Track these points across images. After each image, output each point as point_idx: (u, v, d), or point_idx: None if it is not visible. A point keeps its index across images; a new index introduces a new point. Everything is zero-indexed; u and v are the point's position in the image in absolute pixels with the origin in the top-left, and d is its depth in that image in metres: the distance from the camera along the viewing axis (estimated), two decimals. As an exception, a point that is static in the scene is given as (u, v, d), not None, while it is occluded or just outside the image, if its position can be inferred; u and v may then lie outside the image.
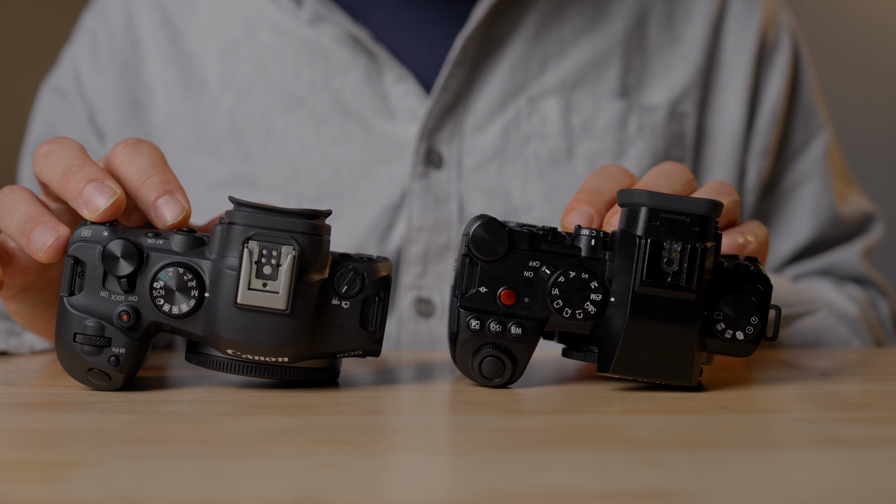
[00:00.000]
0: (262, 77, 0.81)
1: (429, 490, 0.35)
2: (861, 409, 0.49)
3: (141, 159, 0.53)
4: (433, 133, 0.79)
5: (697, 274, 0.49)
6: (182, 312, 0.49)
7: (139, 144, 0.54)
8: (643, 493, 0.34)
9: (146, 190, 0.52)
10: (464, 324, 0.52)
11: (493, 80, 0.80)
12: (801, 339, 0.78)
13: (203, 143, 0.82)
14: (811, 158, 0.89)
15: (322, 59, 0.81)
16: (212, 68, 0.82)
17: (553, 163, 0.80)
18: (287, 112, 0.80)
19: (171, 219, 0.51)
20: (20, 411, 0.47)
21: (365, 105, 0.80)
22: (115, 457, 0.39)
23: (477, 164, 0.79)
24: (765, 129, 0.86)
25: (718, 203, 0.50)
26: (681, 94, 0.84)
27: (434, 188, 0.79)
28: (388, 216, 0.79)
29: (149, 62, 0.84)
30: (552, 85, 0.81)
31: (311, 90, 0.81)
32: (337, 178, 0.79)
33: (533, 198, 0.80)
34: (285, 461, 0.38)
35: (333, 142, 0.80)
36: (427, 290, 0.79)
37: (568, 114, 0.81)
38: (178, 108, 0.82)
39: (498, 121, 0.80)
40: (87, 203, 0.50)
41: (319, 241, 0.50)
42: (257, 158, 0.80)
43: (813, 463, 0.39)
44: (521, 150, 0.80)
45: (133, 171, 0.53)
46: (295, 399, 0.50)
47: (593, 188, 0.57)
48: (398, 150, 0.79)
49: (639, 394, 0.52)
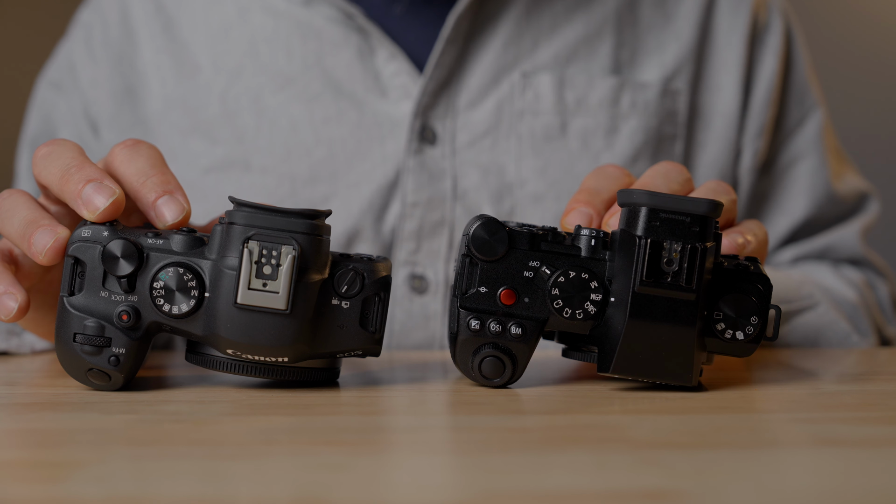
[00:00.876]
0: (253, 58, 0.82)
1: (429, 490, 0.35)
2: (861, 409, 0.49)
3: (140, 160, 0.53)
4: (427, 110, 0.79)
5: (697, 274, 0.49)
6: (182, 312, 0.49)
7: (138, 145, 0.54)
8: (643, 493, 0.34)
9: (146, 190, 0.52)
10: (464, 324, 0.52)
11: (486, 56, 0.81)
12: (800, 335, 0.78)
13: (197, 128, 0.82)
14: (806, 137, 0.89)
15: (314, 38, 0.81)
16: (204, 53, 0.83)
17: (547, 138, 0.81)
18: (278, 91, 0.81)
19: (172, 219, 0.51)
20: (20, 411, 0.47)
21: (357, 83, 0.80)
22: (115, 457, 0.39)
23: (471, 140, 0.80)
24: (760, 110, 0.86)
25: (718, 203, 0.50)
26: (673, 71, 0.84)
27: (428, 164, 0.79)
28: (383, 195, 0.79)
29: (143, 51, 0.85)
30: (545, 61, 0.82)
31: (303, 69, 0.81)
32: (330, 157, 0.80)
33: (527, 173, 0.80)
34: (285, 461, 0.38)
35: (325, 120, 0.80)
36: (421, 267, 0.79)
37: (561, 90, 0.82)
38: (172, 94, 0.83)
39: (491, 97, 0.81)
40: (87, 203, 0.50)
41: (319, 241, 0.50)
42: (250, 140, 0.81)
43: (812, 463, 0.39)
44: (515, 126, 0.81)
45: (132, 172, 0.53)
46: (295, 399, 0.50)
47: (592, 188, 0.57)
48: (391, 128, 0.80)
49: (639, 394, 0.52)
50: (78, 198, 0.50)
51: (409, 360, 0.67)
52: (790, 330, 0.78)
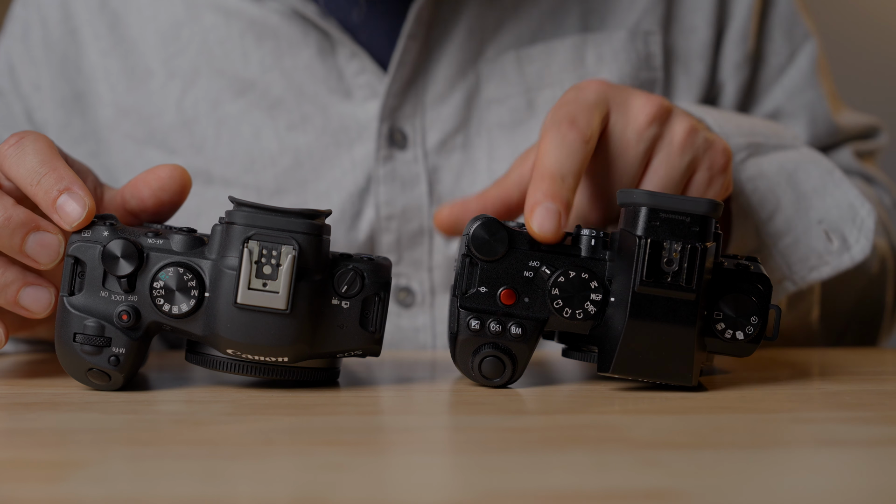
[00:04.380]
0: (207, 61, 0.77)
1: (429, 490, 0.35)
2: (861, 409, 0.49)
3: (27, 158, 0.51)
4: (394, 111, 0.75)
5: (697, 274, 0.49)
6: (182, 312, 0.49)
7: (23, 141, 0.51)
8: (643, 493, 0.34)
9: (42, 194, 0.50)
10: (464, 324, 0.52)
11: (450, 47, 0.76)
12: (774, 170, 0.67)
13: (152, 137, 0.77)
14: (799, 70, 0.83)
15: (270, 37, 0.76)
16: (154, 55, 0.77)
17: (515, 123, 0.77)
18: (238, 97, 0.76)
19: (76, 216, 0.49)
20: (20, 411, 0.47)
21: (320, 85, 0.76)
22: (115, 457, 0.39)
23: (442, 139, 0.76)
24: (736, 43, 0.81)
25: (718, 203, 0.50)
26: (641, 14, 0.79)
27: (400, 171, 0.75)
28: (354, 203, 0.75)
29: (89, 52, 0.79)
30: (509, 42, 0.77)
31: (261, 72, 0.76)
32: (297, 165, 0.76)
33: (498, 165, 0.76)
34: (285, 461, 0.38)
35: (290, 126, 0.76)
36: (405, 278, 0.76)
37: (521, 66, 0.77)
38: (124, 101, 0.78)
39: (459, 89, 0.76)
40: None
41: (319, 240, 0.50)
42: (210, 149, 0.76)
43: (812, 463, 0.39)
44: (484, 119, 0.77)
45: (23, 174, 0.50)
46: (295, 399, 0.50)
47: (554, 172, 0.53)
48: (359, 132, 0.76)
49: (639, 394, 0.52)
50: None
51: (409, 360, 0.67)
52: (766, 164, 0.67)
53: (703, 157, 0.58)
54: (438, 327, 0.77)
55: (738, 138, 0.66)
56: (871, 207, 0.67)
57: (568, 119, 0.55)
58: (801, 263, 0.66)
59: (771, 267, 0.65)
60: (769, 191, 0.65)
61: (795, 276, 0.66)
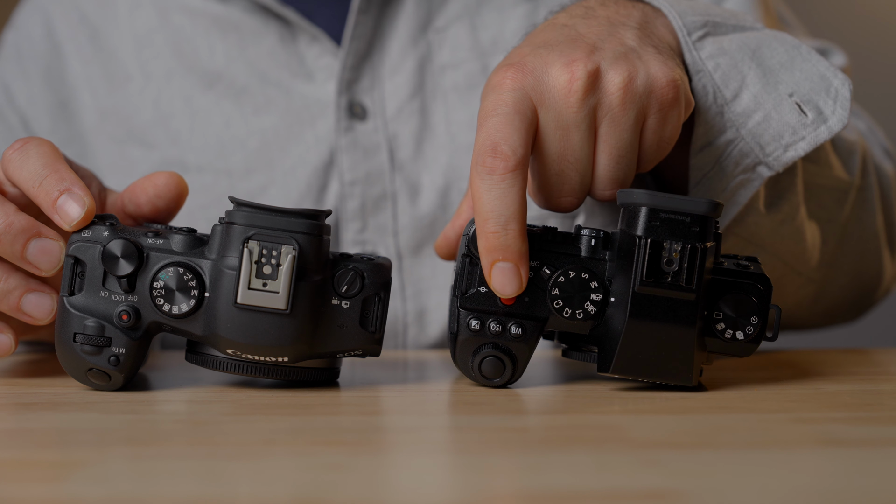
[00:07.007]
0: (179, 60, 0.81)
1: (429, 490, 0.35)
2: (861, 409, 0.49)
3: (30, 162, 0.52)
4: (351, 85, 0.78)
5: (697, 274, 0.49)
6: (182, 312, 0.49)
7: (26, 146, 0.53)
8: (643, 493, 0.34)
9: (43, 195, 0.51)
10: (464, 324, 0.52)
11: (400, 19, 0.79)
12: (735, 46, 0.61)
13: (132, 135, 0.81)
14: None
15: (233, 30, 0.80)
16: (132, 61, 0.82)
17: (470, 87, 0.78)
18: (207, 90, 0.80)
19: (76, 216, 0.50)
20: (20, 411, 0.47)
21: (283, 70, 0.79)
22: (115, 457, 0.39)
23: (399, 107, 0.78)
24: None
25: (718, 203, 0.50)
26: None
27: (361, 140, 0.78)
28: (319, 176, 0.78)
29: (71, 63, 0.83)
30: (458, 10, 0.79)
31: (227, 63, 0.80)
32: (264, 146, 0.79)
33: (456, 128, 0.78)
34: (285, 461, 0.38)
35: (256, 111, 0.79)
36: (371, 245, 0.78)
37: (475, 33, 0.79)
38: (105, 105, 0.82)
39: (410, 58, 0.79)
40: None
41: (319, 240, 0.50)
42: (185, 141, 0.80)
43: (813, 463, 0.39)
44: (439, 84, 0.79)
45: (26, 177, 0.51)
46: (295, 399, 0.50)
47: (494, 223, 0.50)
48: (321, 109, 0.79)
49: (639, 394, 0.52)
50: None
51: (409, 360, 0.67)
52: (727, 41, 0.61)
53: (649, 102, 0.54)
54: (407, 290, 0.78)
55: (692, 16, 0.60)
56: (845, 77, 0.62)
57: (490, 148, 0.51)
58: (774, 142, 0.59)
59: (742, 152, 0.59)
60: (732, 67, 0.60)
61: (770, 157, 0.59)
